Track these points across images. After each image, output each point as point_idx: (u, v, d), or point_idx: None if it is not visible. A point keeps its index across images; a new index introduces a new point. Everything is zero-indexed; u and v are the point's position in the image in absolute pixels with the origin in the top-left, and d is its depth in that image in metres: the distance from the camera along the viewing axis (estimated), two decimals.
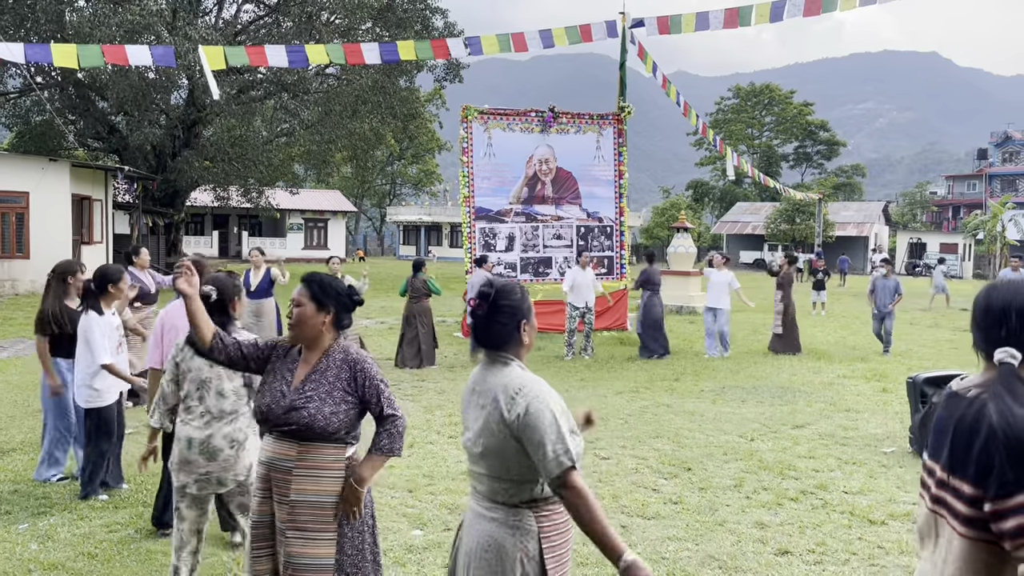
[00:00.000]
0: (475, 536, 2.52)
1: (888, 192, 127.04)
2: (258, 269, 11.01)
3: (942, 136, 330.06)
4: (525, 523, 2.47)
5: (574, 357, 12.72)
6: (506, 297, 2.59)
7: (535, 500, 2.49)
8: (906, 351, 14.13)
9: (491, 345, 2.59)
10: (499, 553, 2.46)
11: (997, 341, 1.89)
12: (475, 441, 2.53)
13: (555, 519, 2.52)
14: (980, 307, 1.98)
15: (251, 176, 31.07)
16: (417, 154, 67.57)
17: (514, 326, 2.59)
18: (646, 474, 6.54)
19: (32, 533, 5.07)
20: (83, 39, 20.56)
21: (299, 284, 3.27)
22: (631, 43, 16.00)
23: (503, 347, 2.59)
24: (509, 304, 2.58)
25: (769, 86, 75.51)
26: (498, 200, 15.85)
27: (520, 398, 2.43)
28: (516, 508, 2.49)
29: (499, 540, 2.46)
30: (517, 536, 2.46)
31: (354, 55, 13.76)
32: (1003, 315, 1.91)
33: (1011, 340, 1.88)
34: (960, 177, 77.81)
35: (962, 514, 1.83)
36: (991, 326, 1.93)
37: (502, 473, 2.47)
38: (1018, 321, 1.88)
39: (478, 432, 2.52)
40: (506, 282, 2.65)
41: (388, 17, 27.70)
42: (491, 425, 2.46)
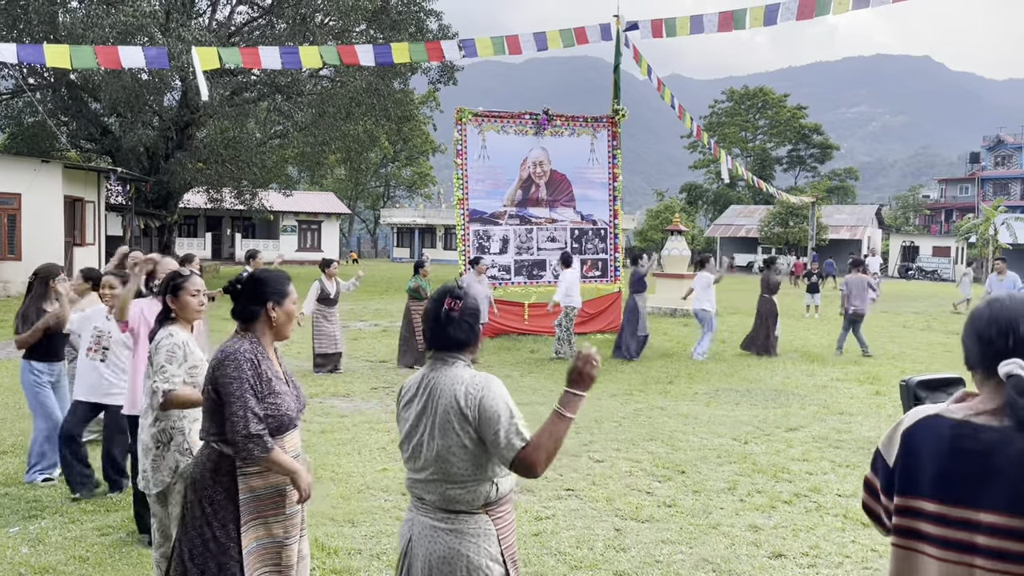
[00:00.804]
0: (435, 549, 2.50)
1: (881, 195, 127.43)
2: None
3: (935, 140, 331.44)
4: (485, 528, 2.51)
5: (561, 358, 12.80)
6: (473, 300, 2.68)
7: (489, 503, 2.54)
8: (899, 354, 14.17)
9: (452, 347, 2.63)
10: (467, 564, 2.47)
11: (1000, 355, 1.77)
12: (428, 443, 2.52)
13: (507, 518, 2.61)
14: (983, 321, 1.84)
15: (245, 178, 30.99)
16: (411, 156, 67.57)
17: (478, 329, 2.67)
18: (640, 477, 6.53)
19: (23, 536, 5.04)
20: (76, 40, 20.50)
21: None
22: (625, 46, 16.02)
23: (462, 349, 2.64)
24: (475, 307, 2.66)
25: (763, 89, 75.69)
26: (492, 202, 15.83)
27: (475, 391, 2.51)
28: (474, 515, 2.51)
29: (464, 551, 2.48)
30: (480, 543, 2.49)
31: (348, 57, 13.74)
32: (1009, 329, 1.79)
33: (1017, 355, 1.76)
34: (953, 181, 78.12)
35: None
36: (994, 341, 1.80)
37: (459, 475, 2.49)
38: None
39: (431, 433, 2.53)
40: (455, 287, 2.71)
41: (382, 19, 27.68)
42: (449, 423, 2.49)
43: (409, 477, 2.63)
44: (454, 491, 2.50)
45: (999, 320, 1.81)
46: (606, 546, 5.04)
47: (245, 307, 3.17)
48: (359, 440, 7.48)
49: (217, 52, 12.36)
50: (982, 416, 1.76)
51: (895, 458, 1.83)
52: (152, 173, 28.61)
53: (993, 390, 1.78)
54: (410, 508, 2.65)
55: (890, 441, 1.86)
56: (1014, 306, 1.82)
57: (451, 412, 2.50)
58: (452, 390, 2.52)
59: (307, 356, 11.77)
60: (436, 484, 2.52)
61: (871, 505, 1.93)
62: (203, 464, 3.11)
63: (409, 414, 2.64)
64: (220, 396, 3.03)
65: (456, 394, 2.51)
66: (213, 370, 3.07)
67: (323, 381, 10.62)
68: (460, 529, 2.50)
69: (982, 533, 1.68)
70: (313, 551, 4.84)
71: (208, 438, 3.13)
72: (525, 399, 9.56)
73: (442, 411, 2.51)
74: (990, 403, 1.77)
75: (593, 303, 16.38)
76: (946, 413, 1.82)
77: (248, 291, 3.17)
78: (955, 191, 75.22)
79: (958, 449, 1.74)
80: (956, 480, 1.72)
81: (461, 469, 2.49)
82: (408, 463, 2.63)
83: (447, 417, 2.50)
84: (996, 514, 1.66)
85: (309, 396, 9.60)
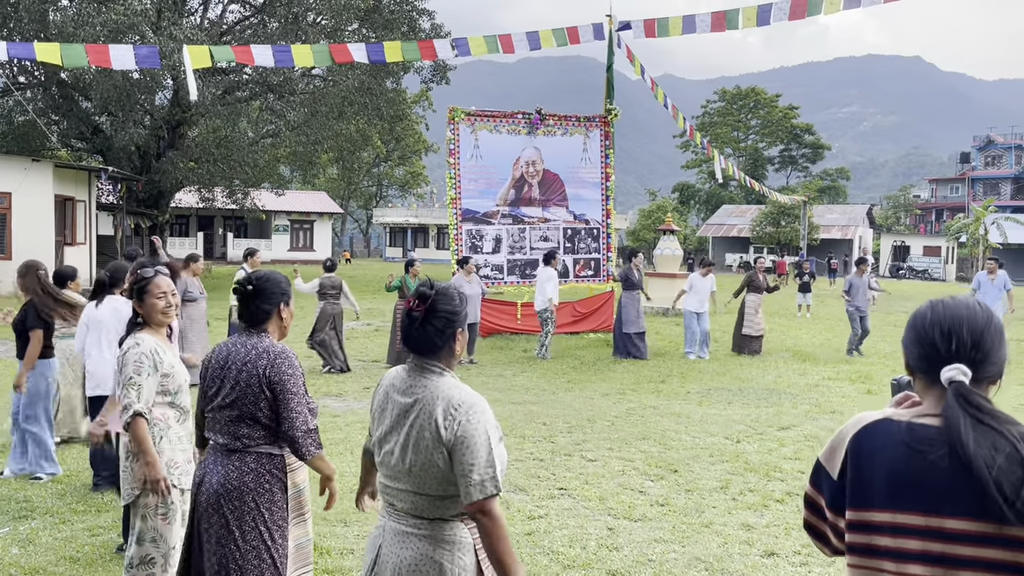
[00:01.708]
0: (405, 556, 2.37)
1: (872, 195, 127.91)
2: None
3: (925, 140, 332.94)
4: (460, 536, 2.37)
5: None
6: (446, 302, 2.43)
7: (462, 512, 2.37)
8: (890, 353, 14.21)
9: (422, 351, 2.44)
10: (439, 572, 2.34)
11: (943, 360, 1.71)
12: (400, 456, 2.38)
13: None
14: (925, 324, 1.77)
15: (236, 177, 30.87)
16: (404, 156, 67.49)
17: (450, 334, 2.44)
18: (632, 476, 6.54)
19: (13, 537, 5.01)
20: (67, 39, 20.39)
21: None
22: (618, 46, 16.03)
23: (433, 354, 2.44)
24: (448, 310, 2.42)
25: (754, 89, 75.89)
26: (485, 202, 15.83)
27: (458, 415, 2.32)
28: (449, 522, 2.38)
29: (435, 558, 2.34)
30: (455, 551, 2.35)
31: (341, 55, 13.71)
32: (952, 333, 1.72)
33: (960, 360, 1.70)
34: (943, 181, 78.52)
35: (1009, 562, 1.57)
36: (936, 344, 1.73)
37: (432, 489, 2.34)
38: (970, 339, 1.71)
39: (404, 446, 2.37)
40: (446, 286, 2.49)
41: (375, 18, 27.63)
42: (425, 441, 2.33)
43: (381, 481, 2.49)
44: (427, 501, 2.37)
45: (942, 323, 1.74)
46: (599, 545, 5.04)
47: (259, 308, 3.16)
48: (351, 440, 7.47)
49: (208, 51, 12.32)
50: (928, 418, 1.69)
51: (840, 470, 1.72)
52: (143, 172, 28.49)
53: (938, 396, 1.71)
54: (381, 515, 2.52)
55: (833, 453, 1.74)
56: (957, 309, 1.75)
57: (427, 431, 2.33)
58: (431, 407, 2.34)
59: (306, 355, 11.75)
60: (408, 494, 2.39)
61: (815, 524, 1.80)
62: (246, 472, 3.07)
63: (384, 418, 2.48)
64: (276, 395, 3.05)
65: (435, 413, 2.33)
66: (261, 376, 3.05)
67: (315, 380, 10.59)
68: (434, 536, 2.36)
69: (951, 542, 1.59)
70: None
71: (249, 444, 3.08)
72: (518, 398, 9.56)
73: (419, 427, 2.35)
74: (934, 408, 1.71)
75: (585, 303, 16.41)
76: (894, 416, 1.73)
77: (262, 292, 3.16)
78: (946, 191, 75.60)
79: (912, 453, 1.65)
80: (912, 487, 1.63)
81: (434, 485, 2.34)
82: (381, 467, 2.49)
83: (423, 434, 2.33)
84: (963, 520, 1.58)
85: None
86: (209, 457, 3.18)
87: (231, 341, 3.21)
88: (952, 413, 1.62)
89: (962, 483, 1.58)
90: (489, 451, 2.30)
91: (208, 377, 3.17)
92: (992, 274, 14.41)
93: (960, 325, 1.72)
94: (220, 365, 3.14)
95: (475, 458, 2.28)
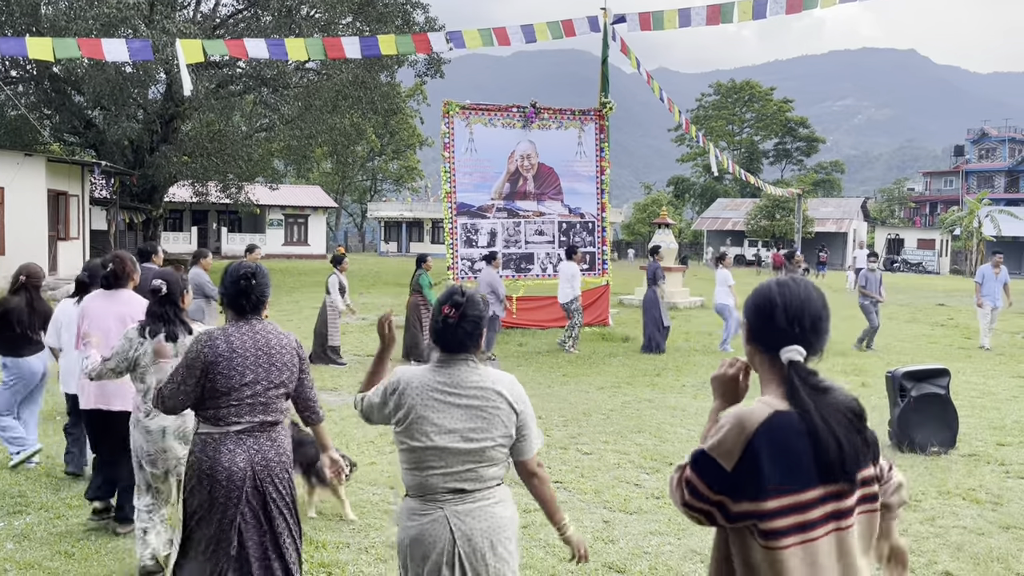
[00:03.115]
0: (485, 524, 2.74)
1: (867, 188, 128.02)
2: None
3: (920, 133, 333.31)
4: (508, 493, 2.87)
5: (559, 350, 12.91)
6: (474, 308, 2.83)
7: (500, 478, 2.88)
8: (885, 346, 14.25)
9: (456, 349, 2.82)
10: (511, 524, 2.82)
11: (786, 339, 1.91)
12: (465, 438, 2.73)
13: None
14: (770, 303, 1.95)
15: (230, 171, 30.77)
16: (398, 150, 67.26)
17: (479, 334, 2.85)
18: (628, 469, 6.55)
19: (8, 532, 5.00)
20: (59, 33, 20.27)
21: None
22: (613, 39, 16.02)
23: (466, 351, 2.83)
24: (476, 315, 2.83)
25: (749, 83, 75.86)
26: (480, 196, 15.80)
27: (518, 391, 2.85)
28: (501, 486, 2.85)
29: (509, 515, 2.82)
30: (509, 505, 2.86)
31: (335, 49, 13.66)
32: (796, 315, 1.92)
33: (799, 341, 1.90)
34: (937, 174, 78.59)
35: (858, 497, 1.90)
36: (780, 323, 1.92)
37: (492, 458, 2.78)
38: (809, 322, 1.92)
39: (475, 429, 2.74)
40: (474, 293, 2.88)
41: (368, 12, 27.50)
42: (499, 417, 2.77)
43: (444, 469, 2.73)
44: (489, 470, 2.79)
45: (788, 306, 1.92)
46: (595, 538, 5.05)
47: (260, 297, 3.42)
48: (347, 434, 7.46)
49: (202, 44, 12.27)
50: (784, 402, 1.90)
51: (738, 463, 1.84)
52: (137, 167, 28.38)
53: (779, 372, 1.93)
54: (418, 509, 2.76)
55: (728, 448, 1.86)
56: (800, 291, 1.95)
57: (500, 405, 2.78)
58: (498, 388, 2.80)
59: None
60: (472, 471, 2.75)
61: (697, 505, 1.92)
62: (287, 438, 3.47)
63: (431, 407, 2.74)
64: (303, 367, 3.51)
65: (503, 392, 2.80)
66: (296, 352, 3.48)
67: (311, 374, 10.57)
68: (500, 498, 2.82)
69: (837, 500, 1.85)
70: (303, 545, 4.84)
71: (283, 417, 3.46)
72: None
73: (490, 406, 2.77)
74: (780, 387, 1.92)
75: (581, 296, 16.40)
76: (777, 407, 1.89)
77: (263, 283, 3.42)
78: (940, 184, 75.68)
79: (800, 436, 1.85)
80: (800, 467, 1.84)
81: (498, 452, 2.79)
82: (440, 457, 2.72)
83: (495, 411, 2.77)
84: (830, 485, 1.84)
85: None
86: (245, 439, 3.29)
87: (246, 329, 3.35)
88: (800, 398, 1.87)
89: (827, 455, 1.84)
90: (534, 417, 2.91)
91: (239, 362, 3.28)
92: (997, 268, 14.48)
93: (803, 309, 1.93)
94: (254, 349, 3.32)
95: (533, 422, 2.88)
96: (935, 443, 7.04)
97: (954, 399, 7.37)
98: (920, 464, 6.74)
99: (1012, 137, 70.58)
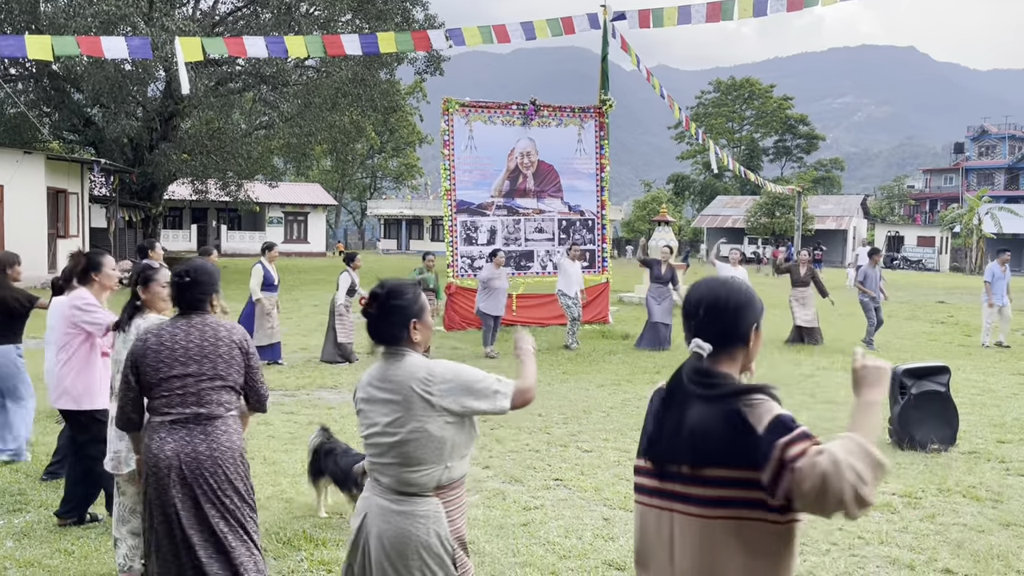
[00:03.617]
0: (387, 530, 2.63)
1: (866, 186, 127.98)
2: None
3: (919, 130, 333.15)
4: (434, 512, 2.64)
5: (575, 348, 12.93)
6: (396, 297, 2.73)
7: (441, 487, 2.66)
8: (885, 343, 14.24)
9: (384, 341, 2.75)
10: (418, 544, 2.61)
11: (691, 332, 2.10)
12: (382, 432, 2.66)
13: (457, 502, 2.72)
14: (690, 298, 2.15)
15: (230, 169, 30.74)
16: (398, 147, 67.24)
17: (403, 325, 2.72)
18: (628, 467, 6.54)
19: (8, 530, 5.00)
20: (57, 30, 20.24)
21: None
22: (612, 36, 15.99)
23: (398, 343, 2.74)
24: (398, 304, 2.73)
25: (749, 80, 75.84)
26: (480, 193, 15.79)
27: (426, 373, 2.65)
28: (423, 497, 2.64)
29: (415, 532, 2.61)
30: (430, 524, 2.63)
31: (334, 47, 13.63)
32: (693, 311, 2.11)
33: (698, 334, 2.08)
34: (937, 171, 78.58)
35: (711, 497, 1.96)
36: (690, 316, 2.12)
37: (412, 459, 2.62)
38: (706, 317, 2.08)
39: (388, 423, 2.65)
40: (398, 282, 2.79)
41: (368, 9, 27.46)
42: (413, 412, 2.61)
43: (368, 459, 2.76)
44: (410, 475, 2.63)
45: (689, 301, 2.13)
46: (595, 535, 5.05)
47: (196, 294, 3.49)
48: (347, 431, 7.45)
49: (200, 42, 12.25)
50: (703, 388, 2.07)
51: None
52: (136, 164, 28.36)
53: None
54: (367, 487, 2.78)
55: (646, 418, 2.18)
56: (702, 289, 2.12)
57: (413, 398, 2.62)
58: (406, 385, 2.64)
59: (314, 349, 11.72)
60: (394, 467, 2.64)
61: None
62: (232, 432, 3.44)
63: (365, 402, 2.75)
64: (249, 360, 3.50)
65: (411, 387, 2.63)
66: (238, 345, 3.49)
67: (311, 373, 10.58)
68: (412, 511, 2.62)
69: (677, 482, 2.01)
70: (301, 542, 4.85)
71: (230, 409, 3.46)
72: None
73: (403, 400, 2.63)
74: None
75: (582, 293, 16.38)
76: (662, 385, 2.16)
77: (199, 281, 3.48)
78: (940, 181, 75.68)
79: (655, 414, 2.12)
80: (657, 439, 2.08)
81: (420, 454, 2.61)
82: (368, 448, 2.75)
83: (409, 404, 2.62)
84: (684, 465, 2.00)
85: (296, 388, 9.57)
86: (178, 430, 3.35)
87: (181, 324, 3.44)
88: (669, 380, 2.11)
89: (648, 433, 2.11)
90: (473, 370, 2.70)
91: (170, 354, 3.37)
92: (1004, 265, 14.49)
93: (699, 305, 2.10)
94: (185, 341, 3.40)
95: (469, 375, 2.67)
96: (935, 440, 7.04)
97: (954, 396, 7.36)
98: (920, 461, 6.74)
99: (1012, 134, 70.57)
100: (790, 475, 1.82)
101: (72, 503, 5.10)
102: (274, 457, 6.60)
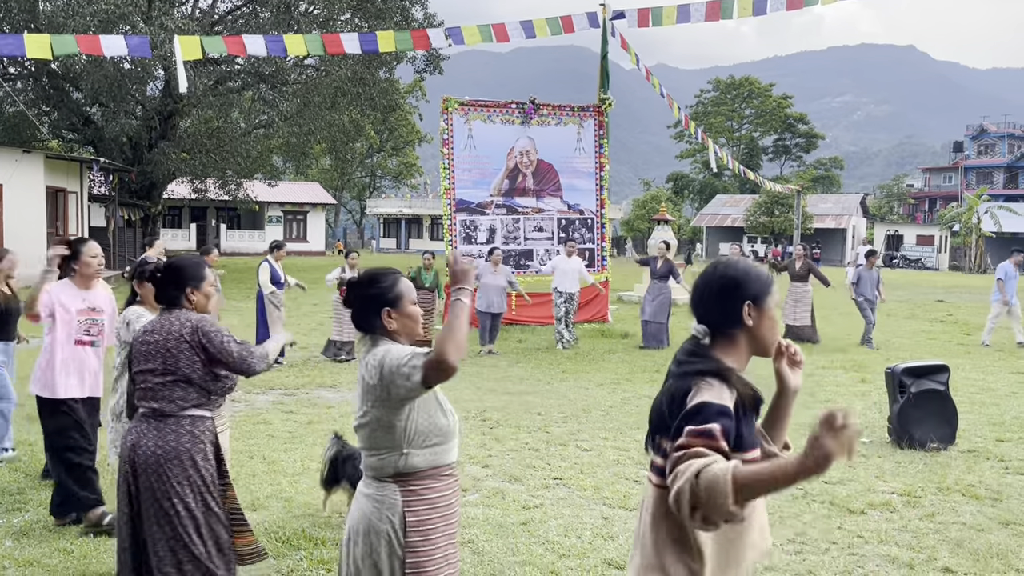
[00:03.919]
0: (355, 513, 2.70)
1: (866, 184, 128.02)
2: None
3: (919, 129, 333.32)
4: (390, 497, 2.62)
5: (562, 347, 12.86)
6: (368, 286, 2.76)
7: (400, 474, 2.63)
8: (884, 342, 14.25)
9: (364, 330, 2.77)
10: (368, 527, 2.63)
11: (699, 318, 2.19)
12: (355, 415, 2.72)
13: (424, 494, 2.65)
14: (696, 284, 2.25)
15: (229, 168, 30.73)
16: (397, 146, 67.22)
17: (375, 313, 2.72)
18: (628, 465, 6.54)
19: (7, 530, 5.00)
20: (56, 29, 20.23)
21: None
22: (612, 35, 15.99)
23: (373, 331, 2.74)
24: (369, 294, 2.74)
25: (748, 79, 75.79)
26: (479, 192, 15.79)
27: (376, 360, 2.62)
28: (383, 482, 2.65)
29: (368, 515, 2.64)
30: (383, 510, 2.62)
31: (334, 46, 13.63)
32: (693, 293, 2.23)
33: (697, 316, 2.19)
34: (936, 170, 78.56)
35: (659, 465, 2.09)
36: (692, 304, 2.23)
37: (372, 444, 2.65)
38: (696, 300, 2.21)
39: (359, 405, 2.70)
40: (374, 271, 2.81)
41: (367, 8, 27.45)
42: (368, 397, 2.64)
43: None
44: (371, 459, 2.67)
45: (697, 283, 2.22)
46: (594, 534, 5.04)
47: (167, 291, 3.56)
48: (346, 431, 7.44)
49: (200, 41, 12.24)
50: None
51: None
52: (135, 163, 28.35)
53: None
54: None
55: None
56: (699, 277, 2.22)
57: (369, 383, 2.63)
58: (367, 365, 2.66)
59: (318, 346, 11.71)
60: (364, 451, 2.71)
61: None
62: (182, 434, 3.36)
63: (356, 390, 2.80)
64: (207, 347, 3.38)
65: (370, 368, 2.63)
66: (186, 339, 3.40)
67: (310, 372, 10.58)
68: (372, 495, 2.66)
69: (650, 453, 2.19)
70: (300, 542, 4.84)
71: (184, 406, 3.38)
72: (513, 388, 9.55)
73: (363, 384, 2.66)
74: None
75: (588, 290, 16.38)
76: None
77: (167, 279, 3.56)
78: (939, 180, 75.66)
79: None
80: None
81: (375, 438, 2.64)
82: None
83: (367, 388, 2.64)
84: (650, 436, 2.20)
85: (295, 387, 9.57)
86: (140, 423, 3.40)
87: (156, 319, 3.52)
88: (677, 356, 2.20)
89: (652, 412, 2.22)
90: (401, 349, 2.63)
91: (140, 350, 3.45)
92: (1018, 266, 14.52)
93: (695, 289, 2.21)
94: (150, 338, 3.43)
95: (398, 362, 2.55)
96: (934, 439, 7.04)
97: (953, 395, 7.36)
98: (919, 460, 6.74)
99: (1011, 133, 70.60)
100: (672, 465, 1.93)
101: (62, 499, 5.02)
102: (273, 456, 6.60)
